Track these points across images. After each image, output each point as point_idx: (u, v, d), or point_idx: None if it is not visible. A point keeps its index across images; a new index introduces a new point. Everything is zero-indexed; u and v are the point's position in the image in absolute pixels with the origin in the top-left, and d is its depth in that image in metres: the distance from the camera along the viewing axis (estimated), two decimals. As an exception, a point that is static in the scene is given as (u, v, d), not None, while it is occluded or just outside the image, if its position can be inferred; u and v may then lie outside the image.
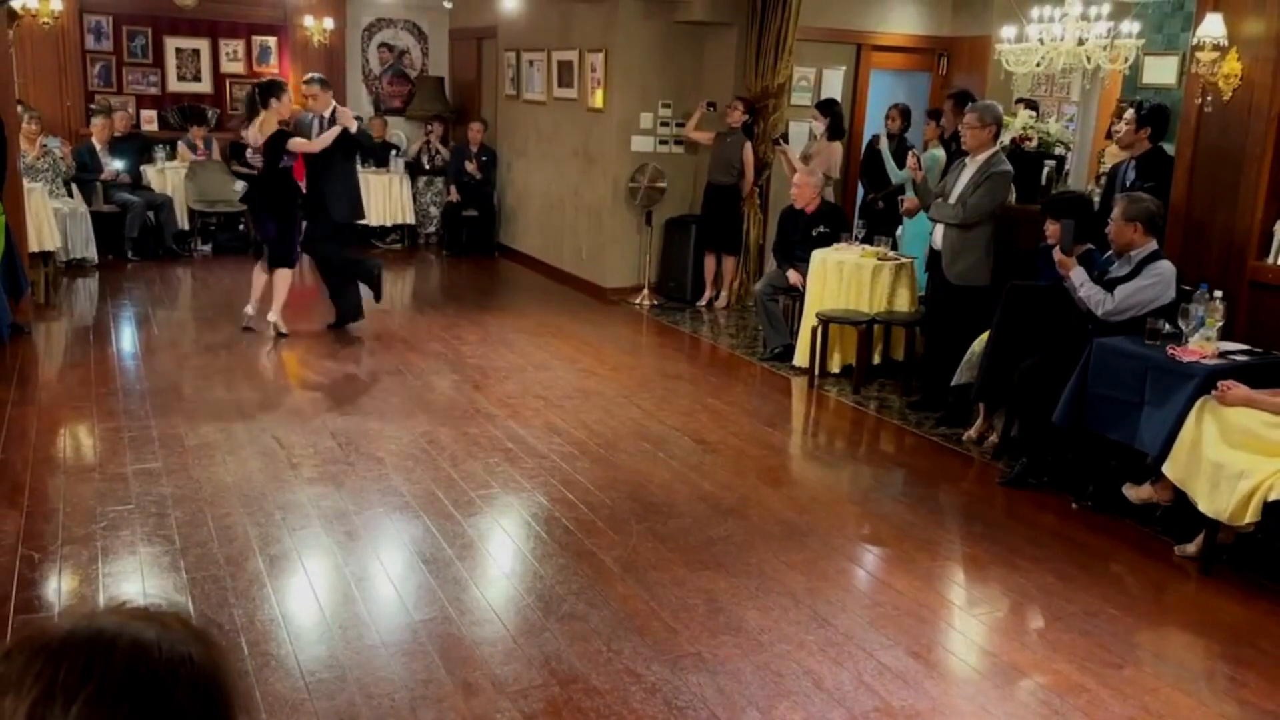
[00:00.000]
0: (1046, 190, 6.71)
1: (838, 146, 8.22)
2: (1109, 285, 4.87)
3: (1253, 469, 3.92)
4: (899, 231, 7.79)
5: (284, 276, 7.28)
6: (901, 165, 7.29)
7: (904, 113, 8.33)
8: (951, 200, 5.91)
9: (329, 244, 7.38)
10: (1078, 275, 4.95)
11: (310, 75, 7.74)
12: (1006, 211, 6.09)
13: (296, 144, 7.06)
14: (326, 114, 7.27)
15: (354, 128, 7.19)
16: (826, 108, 8.17)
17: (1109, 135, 8.04)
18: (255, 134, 7.07)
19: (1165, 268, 4.80)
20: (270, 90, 7.11)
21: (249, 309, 7.45)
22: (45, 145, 8.72)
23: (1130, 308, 4.76)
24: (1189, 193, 5.21)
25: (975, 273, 5.89)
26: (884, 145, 7.96)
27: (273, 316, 7.30)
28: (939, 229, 6.00)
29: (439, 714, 3.06)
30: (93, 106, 10.44)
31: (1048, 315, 5.15)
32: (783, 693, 3.22)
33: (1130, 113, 5.78)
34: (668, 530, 4.39)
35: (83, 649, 0.83)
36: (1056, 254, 5.02)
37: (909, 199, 7.16)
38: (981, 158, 5.85)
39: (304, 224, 7.32)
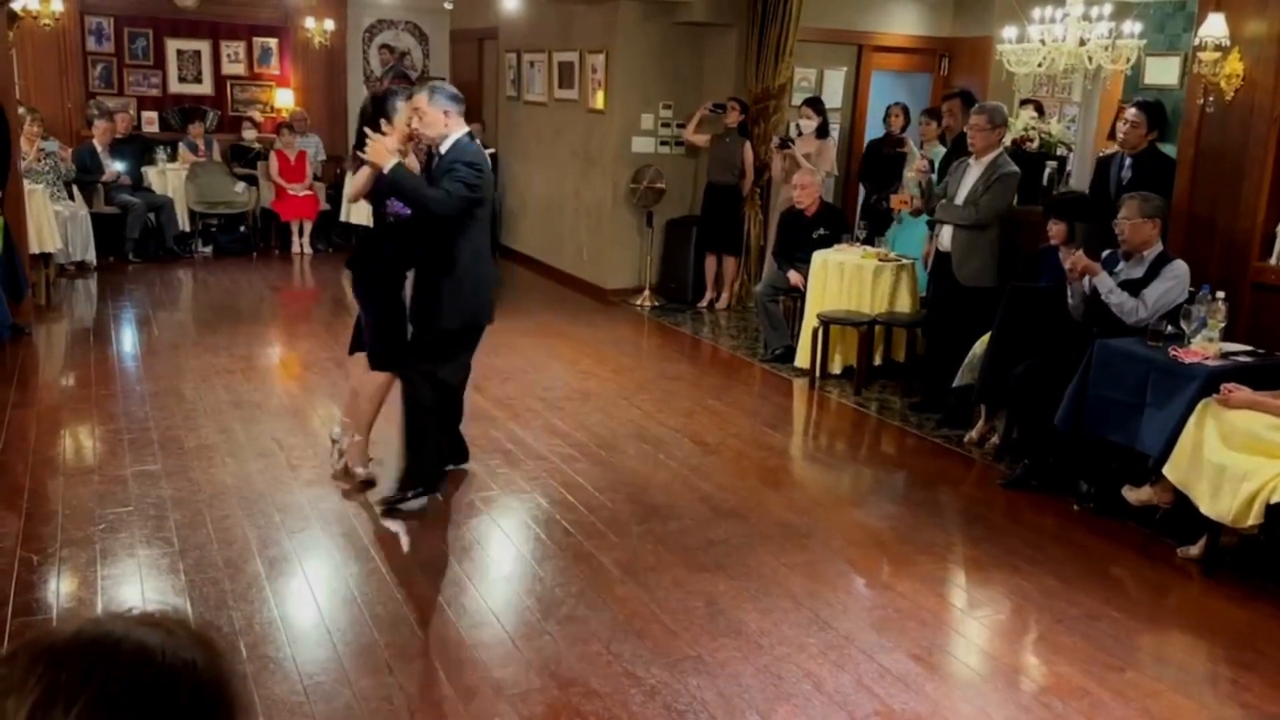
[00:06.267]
0: (1048, 191, 6.68)
1: (830, 144, 8.25)
2: (1124, 289, 4.81)
3: (1255, 471, 3.90)
4: (889, 231, 7.78)
5: (372, 382, 4.69)
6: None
7: (905, 110, 8.39)
8: (959, 202, 5.88)
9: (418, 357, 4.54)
10: (1104, 282, 4.81)
11: (434, 82, 4.81)
12: (1009, 213, 6.07)
13: (351, 187, 4.70)
14: (444, 147, 4.32)
15: (386, 166, 4.19)
16: (818, 105, 8.19)
17: (1111, 136, 8.02)
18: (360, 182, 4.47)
19: (1181, 267, 4.75)
20: (382, 105, 4.48)
21: (336, 430, 4.97)
22: (43, 148, 8.71)
23: (1157, 312, 4.72)
24: (1191, 193, 5.20)
25: (985, 274, 5.86)
26: (911, 147, 7.89)
27: (337, 432, 4.92)
28: (946, 231, 5.95)
29: (437, 717, 3.05)
30: (91, 109, 10.43)
31: (1049, 317, 5.13)
32: (783, 696, 3.21)
33: (1134, 112, 5.70)
34: (667, 532, 4.38)
35: (86, 653, 0.84)
36: (1079, 257, 4.86)
37: (911, 195, 7.12)
38: (987, 159, 5.82)
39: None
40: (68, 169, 9.15)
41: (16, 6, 8.10)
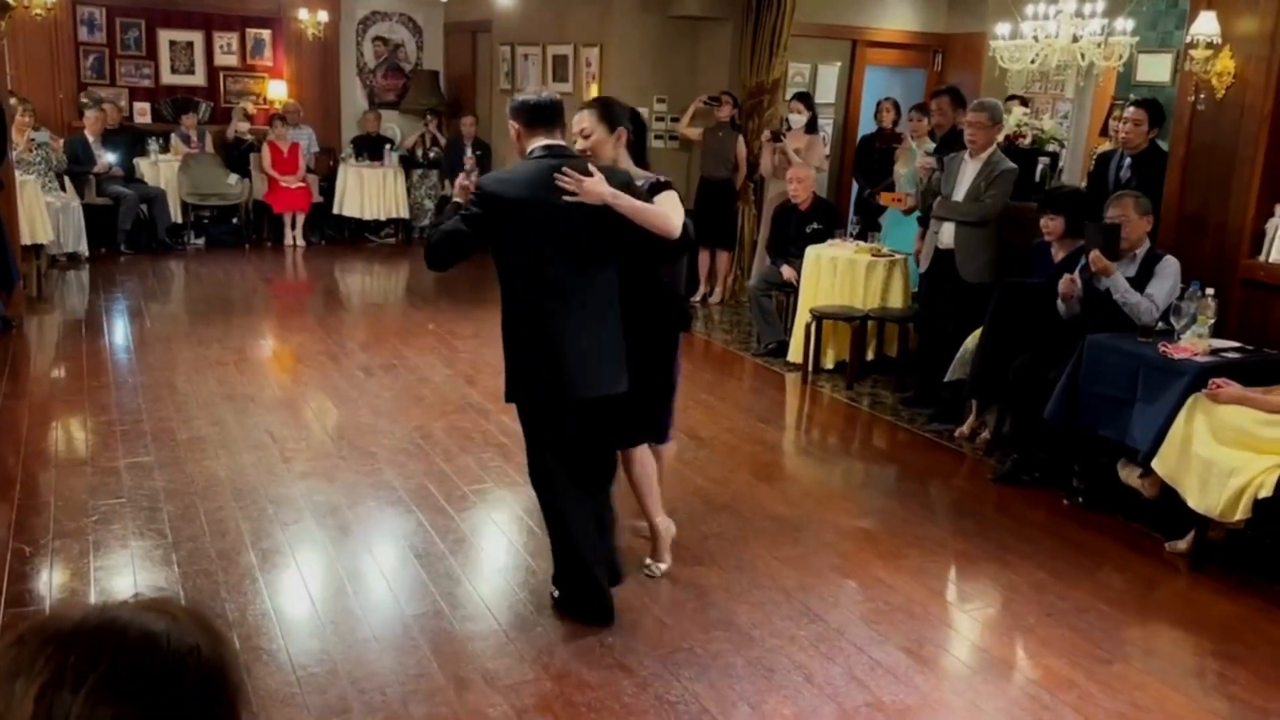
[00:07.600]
0: (1040, 187, 6.70)
1: (819, 139, 8.28)
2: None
3: (1243, 466, 3.93)
4: (882, 218, 7.79)
5: (646, 461, 3.92)
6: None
7: (895, 105, 8.43)
8: (958, 198, 5.86)
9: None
10: (1119, 283, 4.75)
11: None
12: (1005, 209, 6.07)
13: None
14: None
15: (610, 198, 3.30)
16: (808, 100, 8.21)
17: (1104, 132, 8.05)
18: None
19: (1174, 262, 4.76)
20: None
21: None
22: (34, 138, 8.68)
23: (1164, 309, 4.74)
24: (1182, 190, 5.22)
25: (988, 270, 5.85)
26: (911, 143, 7.92)
27: (659, 529, 3.97)
28: (947, 229, 5.89)
29: (430, 708, 3.06)
30: (84, 100, 10.39)
31: (1041, 313, 5.15)
32: (773, 687, 3.23)
33: (1134, 110, 5.65)
34: (660, 525, 4.39)
35: (92, 637, 0.86)
36: (1096, 257, 4.73)
37: (906, 193, 7.14)
38: (984, 155, 5.82)
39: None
40: (59, 160, 9.12)
41: (8, -4, 8.06)
